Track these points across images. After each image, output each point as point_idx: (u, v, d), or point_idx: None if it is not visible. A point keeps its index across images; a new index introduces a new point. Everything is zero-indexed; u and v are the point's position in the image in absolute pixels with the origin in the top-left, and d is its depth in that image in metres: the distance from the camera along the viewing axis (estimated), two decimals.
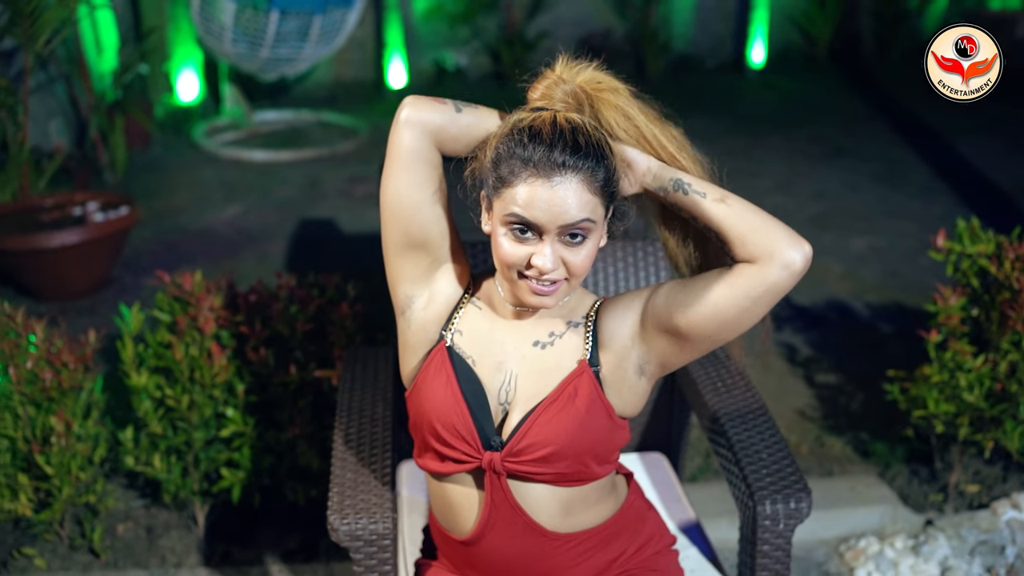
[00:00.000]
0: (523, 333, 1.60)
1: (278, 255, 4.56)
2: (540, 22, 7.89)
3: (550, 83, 1.51)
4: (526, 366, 1.58)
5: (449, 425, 1.55)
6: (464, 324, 1.61)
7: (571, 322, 1.60)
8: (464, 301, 1.62)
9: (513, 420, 1.56)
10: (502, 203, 1.45)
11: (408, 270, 1.60)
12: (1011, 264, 2.69)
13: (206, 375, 2.56)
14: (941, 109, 7.21)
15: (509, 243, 1.46)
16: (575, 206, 1.42)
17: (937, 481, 3.01)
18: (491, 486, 1.57)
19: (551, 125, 1.43)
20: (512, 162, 1.43)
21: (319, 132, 6.44)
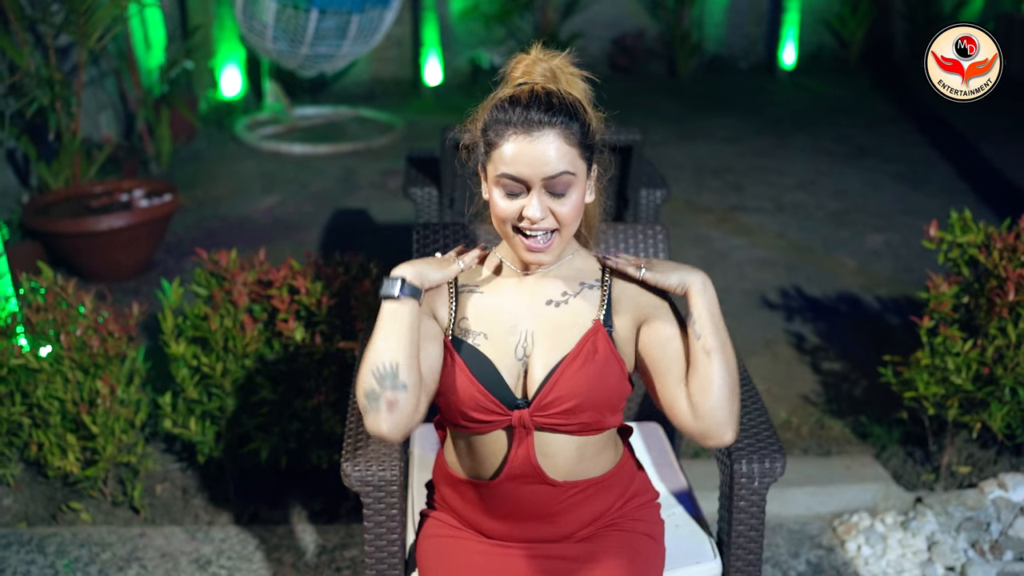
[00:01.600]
0: (534, 294, 1.76)
1: (312, 243, 4.77)
2: (574, 22, 8.05)
3: (530, 61, 1.69)
4: (541, 323, 1.74)
5: (474, 405, 1.71)
6: (466, 311, 1.76)
7: (584, 283, 1.77)
8: (455, 293, 1.77)
9: (537, 376, 1.72)
10: (492, 165, 1.64)
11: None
12: (999, 253, 2.82)
13: (239, 345, 2.77)
14: (968, 111, 7.27)
15: (502, 200, 1.65)
16: (555, 158, 1.60)
17: (931, 462, 3.14)
18: (518, 439, 1.73)
19: (529, 93, 1.62)
20: (497, 127, 1.62)
21: (356, 127, 6.66)
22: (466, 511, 1.87)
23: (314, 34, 5.84)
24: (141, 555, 2.78)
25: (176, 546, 2.81)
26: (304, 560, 2.76)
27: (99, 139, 5.26)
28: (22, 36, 4.24)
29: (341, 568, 2.73)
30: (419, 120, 6.89)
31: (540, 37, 7.90)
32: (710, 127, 6.95)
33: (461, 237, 2.50)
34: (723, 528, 2.07)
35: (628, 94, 7.83)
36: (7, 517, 2.92)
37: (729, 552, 2.03)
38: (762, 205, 5.48)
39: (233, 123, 6.50)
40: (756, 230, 5.11)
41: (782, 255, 4.78)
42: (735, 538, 2.03)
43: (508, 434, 1.75)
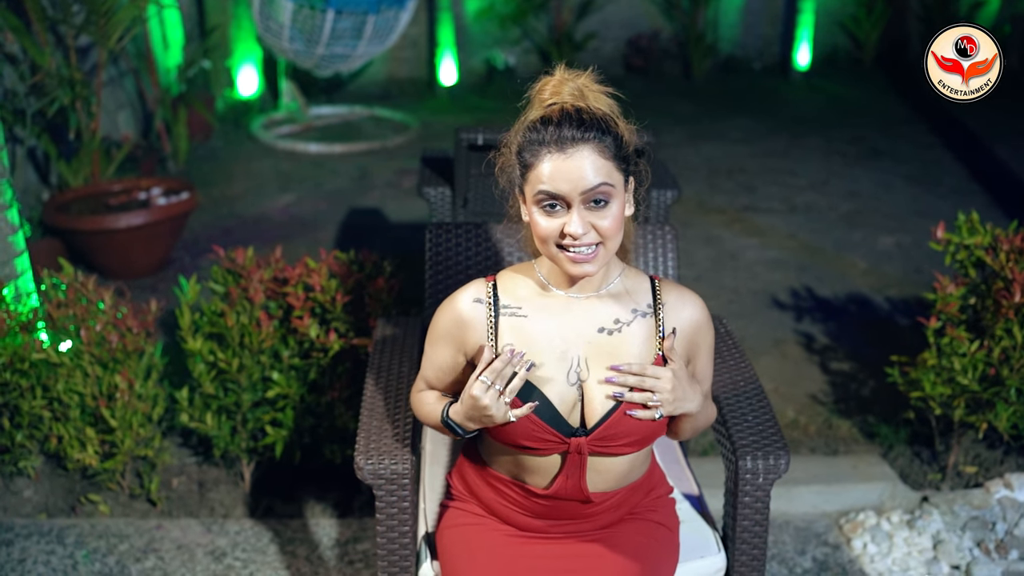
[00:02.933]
0: (584, 320, 1.77)
1: (328, 241, 4.83)
2: (588, 23, 8.09)
3: (557, 82, 1.72)
4: (594, 350, 1.76)
5: (529, 436, 1.74)
6: (508, 336, 1.77)
7: (636, 311, 1.79)
8: (494, 317, 1.78)
9: (597, 407, 1.74)
10: (530, 186, 1.67)
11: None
12: (1005, 255, 2.85)
13: (255, 341, 2.82)
14: (982, 113, 7.27)
15: (542, 219, 1.67)
16: (591, 172, 1.63)
17: (937, 462, 3.17)
18: (571, 462, 1.77)
19: (559, 112, 1.66)
20: (531, 147, 1.66)
21: (371, 127, 6.71)
22: (496, 503, 1.91)
23: (330, 34, 5.90)
24: (158, 546, 2.83)
25: (192, 538, 2.87)
26: (318, 553, 2.81)
27: (118, 138, 5.33)
28: (44, 37, 4.31)
29: (354, 561, 2.78)
30: (434, 120, 6.94)
31: (555, 37, 7.98)
32: (724, 128, 6.98)
33: (474, 237, 2.54)
34: (728, 523, 2.10)
35: (642, 95, 7.85)
36: (28, 508, 2.99)
37: (734, 547, 2.07)
38: (774, 206, 5.51)
39: (249, 122, 6.57)
40: (767, 231, 5.14)
41: (793, 256, 4.81)
42: (740, 533, 2.06)
43: (562, 455, 1.79)
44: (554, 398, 1.75)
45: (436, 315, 1.85)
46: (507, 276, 1.84)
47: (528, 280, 1.81)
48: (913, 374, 2.98)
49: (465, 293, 1.81)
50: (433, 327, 1.85)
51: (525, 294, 1.80)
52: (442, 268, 2.53)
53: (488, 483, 1.91)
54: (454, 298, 1.81)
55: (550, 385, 1.75)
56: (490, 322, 1.78)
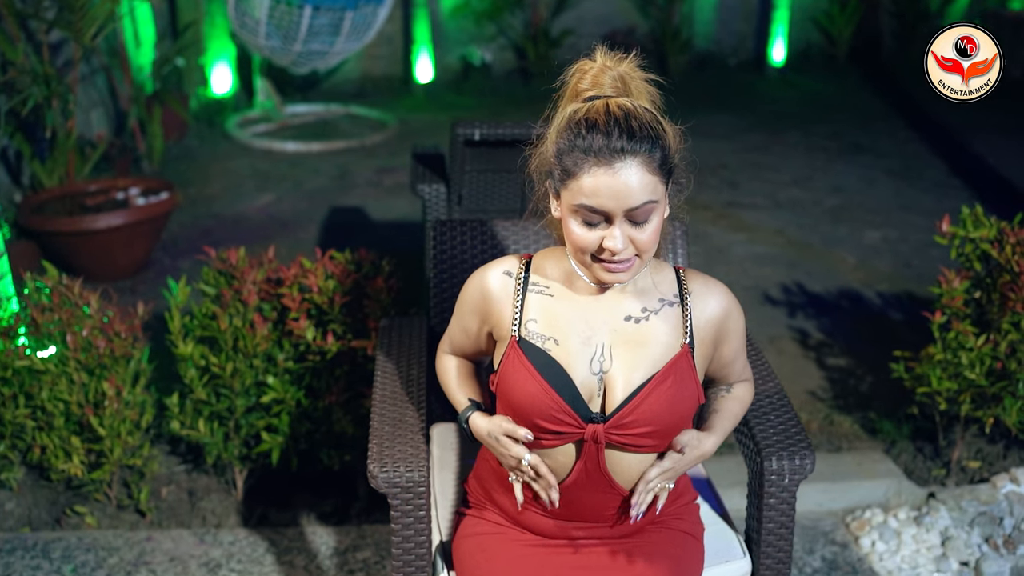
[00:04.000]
0: (611, 308, 1.71)
1: (310, 241, 4.73)
2: (564, 19, 8.03)
3: (598, 70, 1.61)
4: (619, 338, 1.69)
5: (547, 414, 1.67)
6: (534, 312, 1.72)
7: (664, 300, 1.73)
8: (522, 291, 1.73)
9: (618, 394, 1.67)
10: (569, 194, 1.57)
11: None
12: (1011, 248, 2.82)
13: (249, 345, 2.73)
14: (958, 107, 7.30)
15: (580, 230, 1.58)
16: (638, 189, 1.53)
17: (940, 457, 3.14)
18: (587, 452, 1.70)
19: (605, 114, 1.54)
20: (574, 154, 1.54)
21: (348, 125, 6.61)
22: (516, 508, 1.83)
23: (307, 31, 5.80)
24: (149, 559, 2.73)
25: (185, 549, 2.77)
26: (316, 563, 2.72)
27: (91, 137, 5.20)
28: (15, 32, 4.17)
29: (354, 570, 2.70)
30: (411, 117, 6.85)
31: (531, 34, 7.91)
32: (703, 124, 6.89)
33: (479, 234, 2.47)
34: (752, 526, 2.05)
35: None
36: (10, 522, 2.87)
37: (759, 550, 2.01)
38: (758, 202, 5.48)
39: (224, 121, 6.44)
40: (754, 226, 5.11)
41: (782, 251, 4.78)
42: (765, 536, 2.01)
43: (577, 446, 1.72)
44: (576, 381, 1.69)
45: (467, 284, 1.82)
46: (541, 256, 1.79)
47: (560, 264, 1.75)
48: (919, 369, 2.95)
49: (497, 266, 1.78)
50: (463, 295, 1.84)
51: (555, 275, 1.75)
52: (447, 267, 2.46)
53: (506, 485, 1.84)
54: (485, 270, 1.78)
55: (572, 367, 1.69)
56: (517, 297, 1.74)
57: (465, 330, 1.86)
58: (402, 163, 5.83)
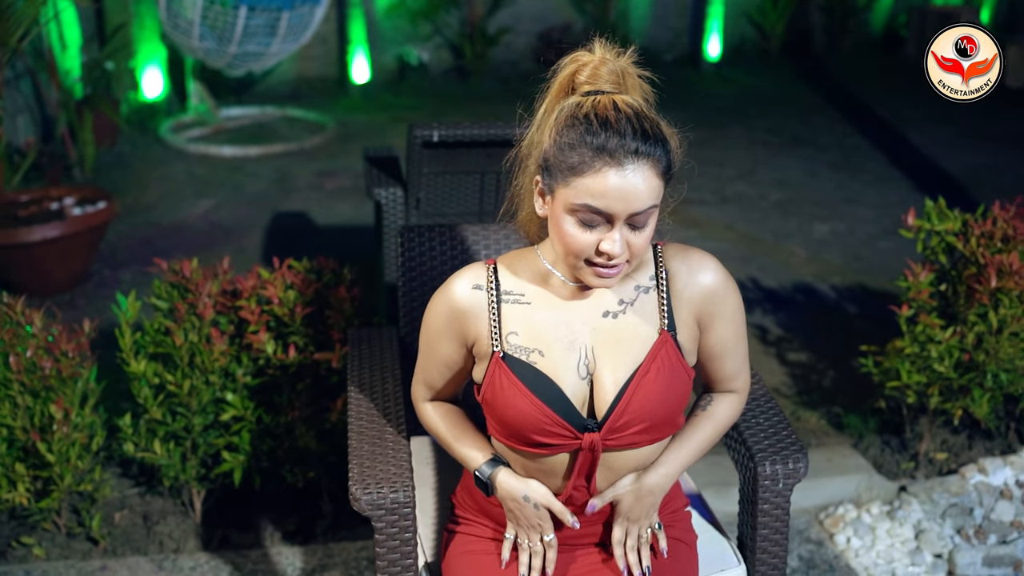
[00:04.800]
0: (589, 306, 1.63)
1: (254, 248, 4.59)
2: (501, 17, 7.95)
3: (597, 63, 1.54)
4: (601, 337, 1.62)
5: (540, 429, 1.60)
6: (514, 324, 1.63)
7: (639, 286, 1.64)
8: (496, 302, 1.64)
9: (607, 395, 1.60)
10: (571, 192, 1.48)
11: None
12: (976, 240, 2.83)
13: (206, 360, 2.60)
14: (891, 99, 7.42)
15: (577, 231, 1.50)
16: (645, 193, 1.47)
17: (908, 450, 3.14)
18: (583, 460, 1.63)
19: (615, 111, 1.47)
20: (582, 150, 1.46)
21: (285, 128, 6.46)
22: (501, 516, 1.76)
23: (243, 32, 5.63)
24: None
25: None
26: None
27: (19, 144, 4.97)
28: None
29: None
30: (349, 119, 6.71)
31: (467, 32, 7.82)
32: None
33: (449, 240, 2.39)
34: (746, 532, 2.00)
35: None
36: None
37: (754, 557, 1.97)
38: (706, 197, 5.47)
39: (157, 126, 6.24)
40: (704, 222, 5.10)
41: (733, 246, 4.77)
42: (760, 543, 1.96)
43: (572, 455, 1.65)
44: (566, 389, 1.62)
45: (430, 307, 1.69)
46: (508, 260, 1.69)
47: (530, 266, 1.66)
48: (887, 363, 2.94)
49: (462, 279, 1.66)
50: (428, 322, 1.71)
51: (528, 278, 1.66)
52: (416, 274, 2.37)
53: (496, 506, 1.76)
54: (449, 285, 1.67)
55: (560, 376, 1.62)
56: (492, 310, 1.64)
57: (443, 362, 1.73)
58: (343, 166, 5.71)
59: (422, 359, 1.77)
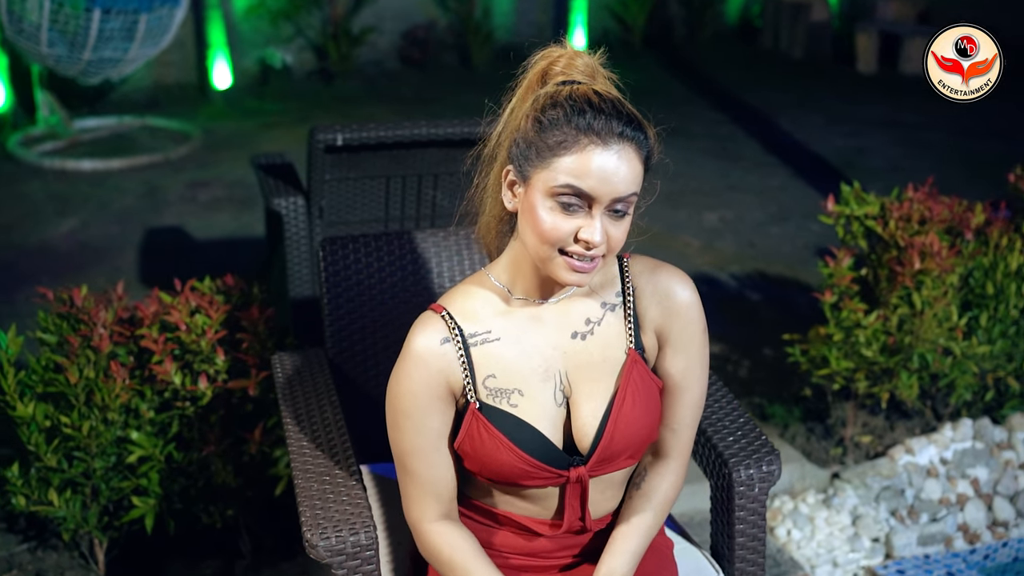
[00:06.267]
0: (557, 327, 1.53)
1: (130, 268, 4.27)
2: (364, 16, 7.74)
3: (571, 55, 1.48)
4: (571, 360, 1.53)
5: (524, 475, 1.51)
6: (488, 367, 1.51)
7: (606, 303, 1.55)
8: (466, 352, 1.50)
9: (586, 428, 1.51)
10: (550, 173, 1.40)
11: None
12: (895, 223, 2.84)
13: (106, 397, 2.35)
14: (755, 88, 7.57)
15: (554, 217, 1.41)
16: (629, 177, 1.41)
17: (832, 436, 3.15)
18: (571, 491, 1.54)
19: (597, 96, 1.41)
20: (566, 130, 1.39)
21: (147, 138, 6.08)
22: (487, 535, 1.63)
23: (97, 36, 5.23)
24: None
25: None
26: None
27: None
28: None
29: None
30: (214, 126, 6.38)
31: (331, 33, 7.56)
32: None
33: (375, 251, 2.22)
34: (721, 541, 1.91)
35: (425, 88, 7.61)
36: None
37: (732, 567, 1.88)
38: None
39: (5, 140, 5.76)
40: None
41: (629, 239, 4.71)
42: (738, 551, 1.88)
43: (560, 487, 1.55)
44: (546, 426, 1.51)
45: (401, 387, 1.50)
46: (458, 298, 1.55)
47: (485, 294, 1.54)
48: (813, 351, 2.93)
49: (424, 337, 1.50)
50: (406, 405, 1.50)
51: (488, 313, 1.53)
52: (343, 290, 2.19)
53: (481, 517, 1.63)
54: (416, 351, 1.49)
55: (540, 413, 1.51)
56: (462, 361, 1.50)
57: (441, 443, 1.52)
58: (215, 175, 5.41)
59: (415, 464, 1.53)
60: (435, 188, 3.09)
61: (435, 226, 3.19)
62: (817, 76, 8.17)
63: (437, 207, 3.13)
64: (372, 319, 2.21)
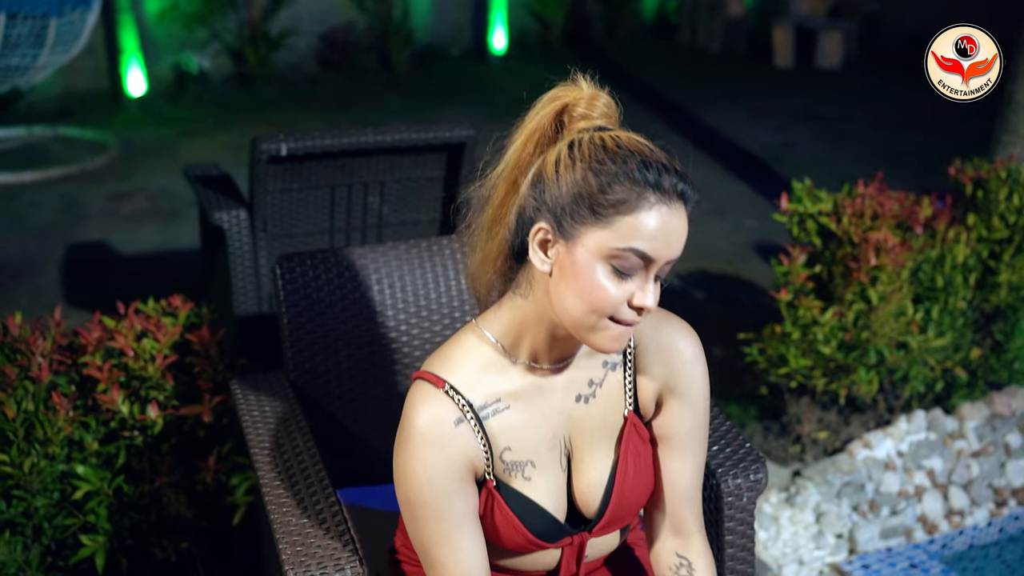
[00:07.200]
0: (563, 392, 1.43)
1: (53, 287, 4.07)
2: (281, 19, 7.57)
3: (592, 96, 1.36)
4: (575, 424, 1.45)
5: (528, 550, 1.46)
6: (504, 439, 1.40)
7: (607, 363, 1.46)
8: (481, 429, 1.38)
9: (588, 499, 1.45)
10: (607, 234, 1.26)
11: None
12: (848, 220, 2.84)
13: (48, 431, 2.21)
14: (678, 83, 7.63)
15: (610, 282, 1.28)
16: (684, 237, 1.30)
17: (789, 434, 3.15)
18: (568, 553, 1.49)
19: (648, 148, 1.31)
20: (628, 185, 1.27)
21: (60, 148, 5.83)
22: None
23: (4, 43, 4.98)
24: None
25: None
26: None
27: None
28: None
29: None
30: (131, 135, 6.15)
31: (248, 36, 7.36)
32: (438, 116, 6.77)
33: (333, 266, 2.12)
34: None
35: (346, 91, 7.48)
36: None
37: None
38: None
39: None
40: None
41: None
42: (728, 562, 1.84)
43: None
44: (554, 498, 1.44)
45: (416, 475, 1.35)
46: (454, 364, 1.40)
47: (484, 356, 1.40)
48: (770, 349, 2.92)
49: (435, 421, 1.35)
50: (424, 492, 1.36)
51: (492, 379, 1.40)
52: (303, 308, 2.09)
53: None
54: (429, 437, 1.35)
55: (550, 484, 1.44)
56: (480, 438, 1.38)
57: (469, 523, 1.38)
58: (136, 186, 5.21)
59: (441, 554, 1.37)
60: (381, 197, 3.00)
61: (382, 236, 3.10)
62: (736, 71, 8.28)
63: (383, 217, 3.04)
64: (334, 339, 2.12)
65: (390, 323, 2.14)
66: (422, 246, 2.20)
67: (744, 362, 3.06)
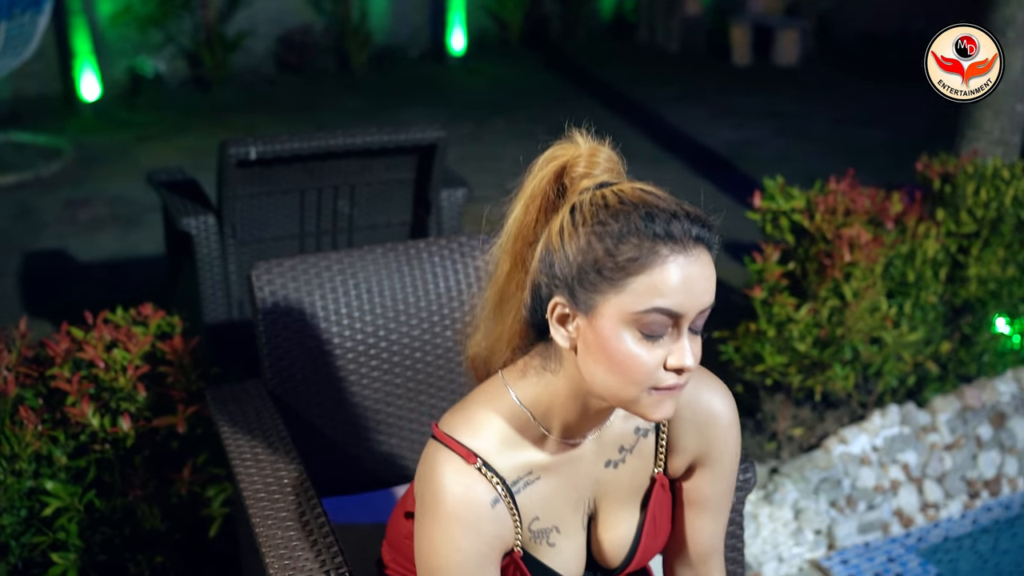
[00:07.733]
0: (592, 458, 1.37)
1: (10, 296, 3.96)
2: (237, 21, 7.47)
3: (592, 151, 1.29)
4: (600, 488, 1.39)
5: None
6: (533, 510, 1.34)
7: (639, 428, 1.40)
8: (514, 503, 1.31)
9: (612, 551, 1.41)
10: (629, 297, 1.17)
11: None
12: (821, 216, 2.85)
13: (15, 446, 2.14)
14: (638, 82, 7.64)
15: (641, 349, 1.18)
16: (710, 283, 1.20)
17: (765, 431, 3.15)
18: None
19: (653, 196, 1.21)
20: (635, 241, 1.17)
21: (12, 154, 5.70)
22: None
23: None
24: None
25: None
26: None
27: None
28: None
29: None
30: (86, 140, 6.03)
31: (204, 39, 7.26)
32: (399, 118, 6.72)
33: (313, 274, 2.08)
34: None
35: (305, 94, 7.41)
36: None
37: None
38: (490, 193, 5.30)
39: None
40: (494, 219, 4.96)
41: None
42: None
43: None
44: (574, 557, 1.40)
45: (448, 557, 1.26)
46: (485, 435, 1.31)
47: (514, 424, 1.31)
48: (745, 347, 2.92)
49: (471, 503, 1.27)
50: (454, 572, 1.27)
51: (525, 451, 1.32)
52: (279, 316, 2.04)
53: None
54: (464, 520, 1.26)
55: (569, 546, 1.39)
56: (514, 516, 1.31)
57: None
58: (93, 192, 5.10)
59: None
60: (352, 200, 2.96)
61: (352, 240, 3.05)
62: (695, 69, 8.31)
63: (353, 220, 3.00)
64: (312, 346, 2.08)
65: (368, 328, 2.10)
66: (399, 250, 2.16)
67: (719, 360, 3.05)
